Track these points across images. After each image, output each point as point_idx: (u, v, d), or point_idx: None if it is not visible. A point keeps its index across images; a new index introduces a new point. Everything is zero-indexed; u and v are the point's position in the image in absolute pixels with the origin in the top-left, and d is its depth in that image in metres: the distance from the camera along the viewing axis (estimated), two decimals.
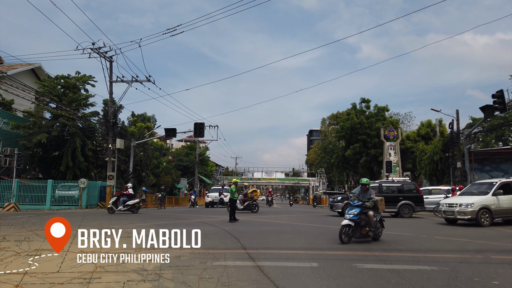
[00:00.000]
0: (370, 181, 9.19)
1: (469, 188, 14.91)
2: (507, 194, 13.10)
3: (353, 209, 8.40)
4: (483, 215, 12.73)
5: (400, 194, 18.79)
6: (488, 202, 12.89)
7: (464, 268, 5.77)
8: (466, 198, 13.46)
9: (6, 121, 27.10)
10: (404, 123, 53.81)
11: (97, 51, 24.12)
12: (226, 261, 6.16)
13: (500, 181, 13.50)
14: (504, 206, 12.99)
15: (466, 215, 12.76)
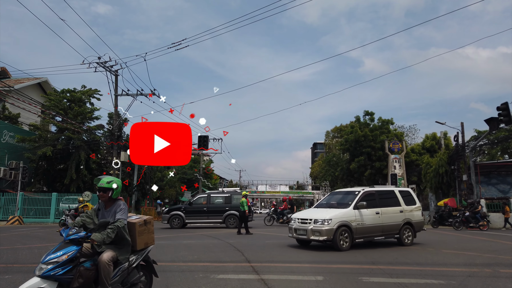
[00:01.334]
0: None
1: (330, 198, 11.35)
2: (371, 207, 10.16)
3: (58, 252, 3.54)
4: (342, 235, 9.39)
5: (227, 205, 18.32)
6: (349, 217, 9.63)
7: (473, 282, 5.66)
8: (323, 212, 9.99)
9: (12, 134, 27.31)
10: (408, 136, 53.62)
11: (103, 65, 24.38)
12: (230, 274, 6.09)
13: (364, 190, 10.46)
14: (367, 223, 9.84)
15: (321, 235, 9.22)
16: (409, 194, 11.50)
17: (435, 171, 29.68)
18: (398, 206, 10.73)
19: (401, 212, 10.65)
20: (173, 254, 8.56)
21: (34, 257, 8.18)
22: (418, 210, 11.25)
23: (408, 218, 10.77)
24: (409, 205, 10.99)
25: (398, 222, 10.51)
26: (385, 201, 10.58)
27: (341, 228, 9.33)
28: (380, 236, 10.17)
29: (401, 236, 10.56)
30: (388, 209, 10.42)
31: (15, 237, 13.33)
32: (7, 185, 26.51)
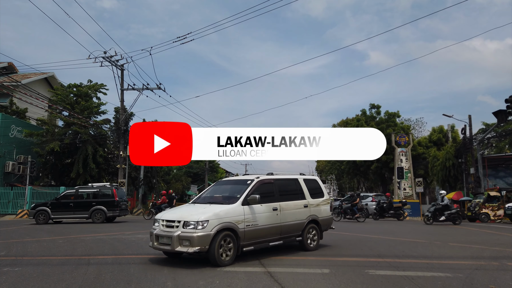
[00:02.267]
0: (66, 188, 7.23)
1: (214, 190, 8.08)
2: (268, 201, 7.34)
3: None
4: (223, 244, 6.40)
5: (94, 200, 18.05)
6: (235, 217, 6.66)
7: (480, 275, 5.65)
8: (199, 209, 6.85)
9: (20, 129, 27.55)
10: (415, 129, 53.29)
11: (109, 59, 24.45)
12: (237, 267, 6.12)
13: (258, 179, 7.57)
14: (261, 224, 7.03)
15: (192, 245, 6.12)
16: (315, 183, 9.03)
17: (442, 164, 29.51)
18: (303, 199, 8.27)
19: (305, 207, 8.18)
20: None
21: (43, 250, 8.29)
22: (326, 204, 8.90)
23: (314, 214, 8.34)
24: (315, 198, 8.58)
25: (302, 220, 8.02)
26: (286, 193, 8.02)
27: (223, 233, 6.32)
28: (278, 240, 7.51)
29: (304, 239, 8.04)
30: (289, 204, 7.83)
31: (24, 230, 13.51)
32: (16, 179, 26.82)
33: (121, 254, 7.53)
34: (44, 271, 5.79)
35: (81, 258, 7.03)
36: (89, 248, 8.46)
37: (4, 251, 8.01)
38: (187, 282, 5.05)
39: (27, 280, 5.16)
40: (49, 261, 6.80)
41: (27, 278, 5.32)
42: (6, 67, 31.52)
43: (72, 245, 9.04)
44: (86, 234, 11.55)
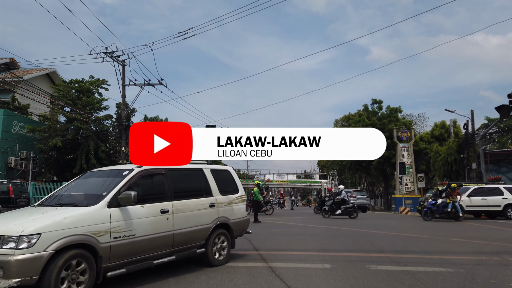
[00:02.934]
0: None
1: (79, 184, 5.74)
2: (154, 200, 5.38)
3: None
4: (70, 270, 4.04)
5: None
6: (93, 225, 4.39)
7: (481, 270, 5.66)
8: (35, 215, 4.41)
9: (22, 125, 27.63)
10: (417, 124, 53.15)
11: (110, 55, 24.41)
12: (238, 262, 6.15)
13: (140, 169, 5.46)
14: (140, 234, 4.90)
15: (8, 276, 3.62)
16: (228, 175, 6.99)
17: (444, 160, 29.47)
18: (208, 196, 6.14)
19: (212, 206, 6.06)
20: None
21: None
22: (240, 202, 6.83)
23: (223, 216, 6.26)
24: (226, 194, 6.53)
25: (206, 225, 5.89)
26: (183, 189, 5.93)
27: (69, 252, 4.05)
28: (168, 255, 5.29)
29: (208, 250, 5.86)
30: (188, 203, 5.70)
31: None
32: (18, 175, 26.93)
33: None
34: None
35: None
36: None
37: None
38: (188, 277, 5.07)
39: None
40: None
41: None
42: (7, 63, 31.54)
43: None
44: None
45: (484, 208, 18.62)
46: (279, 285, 4.67)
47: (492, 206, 18.41)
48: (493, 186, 19.60)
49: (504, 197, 18.39)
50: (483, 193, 18.73)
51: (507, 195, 18.42)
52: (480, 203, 18.43)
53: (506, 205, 18.24)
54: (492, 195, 18.53)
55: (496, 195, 18.51)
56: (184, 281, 4.89)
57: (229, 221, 6.39)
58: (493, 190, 18.90)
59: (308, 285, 4.68)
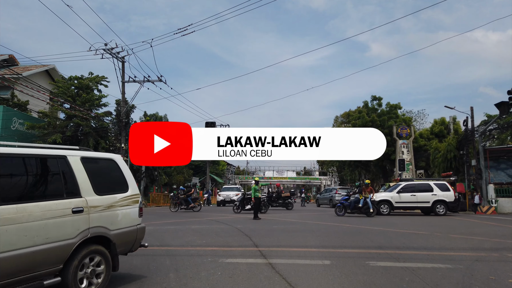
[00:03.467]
0: None
1: None
2: None
3: None
4: None
5: None
6: None
7: (480, 266, 5.68)
8: None
9: (22, 121, 27.60)
10: (417, 121, 53.14)
11: (110, 51, 24.38)
12: (238, 259, 6.17)
13: None
14: None
15: None
16: (111, 166, 4.91)
17: (444, 156, 29.49)
18: (73, 196, 4.02)
19: (77, 212, 3.98)
20: (182, 239, 8.68)
21: None
22: (130, 205, 4.81)
23: (99, 226, 4.25)
24: (105, 194, 4.48)
25: (65, 241, 3.79)
26: (19, 186, 3.70)
27: None
28: None
29: (69, 279, 3.80)
30: (29, 208, 3.53)
31: None
32: None
33: None
34: None
35: None
36: None
37: None
38: (189, 274, 5.09)
39: None
40: None
41: None
42: (7, 60, 31.47)
43: None
44: None
45: (414, 204, 18.83)
46: (279, 281, 4.69)
47: (421, 202, 18.64)
48: (424, 182, 19.83)
49: (433, 194, 18.56)
50: (413, 189, 18.92)
51: (436, 191, 18.58)
52: (410, 199, 18.61)
53: (435, 202, 18.41)
54: (423, 192, 18.70)
55: (426, 192, 18.66)
56: (185, 277, 4.91)
57: (108, 233, 4.32)
58: (423, 186, 19.07)
59: (307, 281, 4.70)
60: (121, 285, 4.51)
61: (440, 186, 18.70)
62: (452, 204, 18.40)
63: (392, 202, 18.40)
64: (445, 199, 18.27)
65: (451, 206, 18.40)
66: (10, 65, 30.96)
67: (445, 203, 18.26)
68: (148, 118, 48.32)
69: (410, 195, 18.56)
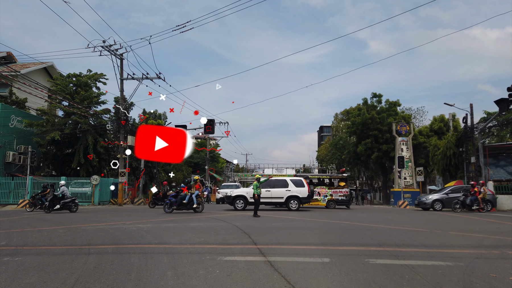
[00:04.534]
0: None
1: None
2: None
3: None
4: None
5: None
6: None
7: (480, 263, 5.64)
8: None
9: (20, 119, 27.48)
10: (416, 118, 53.15)
11: (108, 48, 24.26)
12: (237, 256, 6.12)
13: None
14: None
15: None
16: None
17: (443, 154, 29.47)
18: None
19: None
20: (180, 236, 8.63)
21: (43, 239, 8.30)
22: None
23: None
24: None
25: None
26: None
27: None
28: None
29: None
30: None
31: (25, 220, 13.54)
32: (16, 169, 26.85)
33: (121, 244, 7.53)
34: (44, 261, 5.79)
35: (81, 248, 7.03)
36: (89, 237, 8.47)
37: (5, 241, 8.02)
38: (187, 272, 5.04)
39: (27, 270, 5.15)
40: (49, 251, 6.81)
41: (27, 267, 5.32)
42: (4, 57, 31.34)
43: (73, 234, 9.05)
44: (87, 224, 11.58)
45: (269, 199, 19.43)
46: (277, 279, 4.64)
47: (276, 198, 19.34)
48: (281, 178, 20.38)
49: (287, 189, 19.30)
50: (270, 185, 19.44)
51: (291, 187, 19.32)
52: (265, 194, 19.15)
53: (288, 197, 19.21)
54: (279, 187, 19.41)
55: (282, 187, 19.40)
56: (182, 275, 4.85)
57: None
58: (280, 182, 19.71)
59: (306, 279, 4.65)
60: (117, 283, 4.46)
61: (295, 182, 19.56)
62: (305, 199, 19.35)
63: (247, 198, 19.19)
64: (299, 194, 19.15)
65: (304, 201, 19.38)
66: (8, 62, 30.83)
67: (298, 199, 19.15)
68: (147, 116, 48.23)
69: (265, 191, 19.19)
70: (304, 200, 19.40)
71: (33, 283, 4.46)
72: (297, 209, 19.03)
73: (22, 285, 4.39)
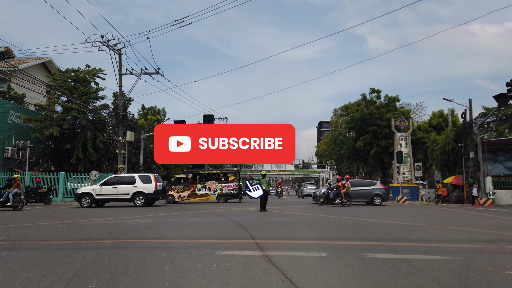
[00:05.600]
0: None
1: None
2: None
3: None
4: None
5: None
6: None
7: (477, 258, 5.65)
8: None
9: (18, 114, 27.42)
10: (415, 114, 53.13)
11: (106, 43, 24.17)
12: (235, 251, 6.13)
13: None
14: None
15: None
16: None
17: (442, 149, 29.48)
18: None
19: None
20: (179, 231, 8.65)
21: (42, 234, 8.31)
22: None
23: None
24: None
25: None
26: None
27: None
28: None
29: None
30: None
31: (24, 215, 13.55)
32: (15, 165, 26.83)
33: (119, 239, 7.54)
34: (43, 255, 5.80)
35: (79, 243, 7.04)
36: (87, 232, 8.48)
37: (3, 236, 8.03)
38: (184, 266, 5.04)
39: (25, 264, 5.16)
40: (48, 245, 6.82)
41: (25, 262, 5.32)
42: (2, 52, 31.20)
43: (71, 229, 9.06)
44: (86, 219, 11.59)
45: (115, 196, 19.36)
46: (275, 273, 4.65)
47: (122, 194, 19.26)
48: (129, 175, 20.56)
49: (134, 186, 19.22)
50: (117, 182, 19.49)
51: (138, 183, 19.26)
52: (111, 191, 19.17)
53: (134, 193, 19.11)
54: (126, 184, 19.34)
55: (129, 184, 19.34)
56: (180, 269, 4.86)
57: None
58: (128, 179, 19.74)
59: (304, 273, 4.67)
60: (115, 277, 4.47)
61: (142, 178, 19.51)
62: (152, 195, 19.25)
63: (93, 195, 19.07)
64: (145, 191, 19.11)
65: (150, 197, 19.23)
66: (6, 57, 30.69)
67: (144, 195, 19.11)
68: (146, 111, 48.16)
69: (111, 188, 19.18)
70: (150, 196, 19.18)
71: (31, 277, 4.47)
72: (142, 205, 18.78)
73: (20, 279, 4.39)
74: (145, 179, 19.43)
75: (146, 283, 4.22)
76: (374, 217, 12.60)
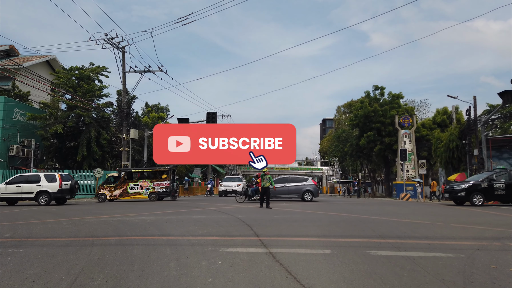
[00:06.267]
0: None
1: None
2: None
3: None
4: None
5: None
6: None
7: (481, 255, 5.66)
8: None
9: (23, 112, 27.57)
10: (419, 111, 52.91)
11: (110, 41, 24.22)
12: (239, 248, 6.17)
13: None
14: None
15: None
16: None
17: (446, 146, 29.38)
18: None
19: None
20: (183, 228, 8.70)
21: (48, 231, 8.38)
22: None
23: None
24: None
25: None
26: None
27: None
28: None
29: None
30: None
31: (30, 212, 13.66)
32: (20, 162, 27.01)
33: (125, 236, 7.60)
34: (49, 252, 5.86)
35: (85, 240, 7.10)
36: (93, 229, 8.55)
37: (10, 233, 8.11)
38: (189, 263, 5.08)
39: (31, 261, 5.22)
40: (54, 242, 6.89)
41: (31, 259, 5.38)
42: (7, 50, 31.34)
43: (77, 226, 9.13)
44: (91, 216, 11.67)
45: (19, 195, 19.06)
46: (279, 270, 4.68)
47: (26, 193, 18.94)
48: (35, 173, 20.22)
49: (38, 185, 18.87)
50: (21, 181, 19.17)
51: (43, 182, 18.91)
52: (16, 190, 18.87)
53: (38, 192, 18.77)
54: (31, 183, 19.03)
55: (34, 183, 19.00)
56: (185, 266, 4.90)
57: None
58: (33, 177, 19.41)
59: (308, 270, 4.69)
60: (121, 274, 4.51)
61: (48, 177, 19.18)
62: (56, 194, 18.87)
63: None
64: (49, 189, 18.74)
65: (54, 196, 18.86)
66: (11, 55, 30.84)
67: (48, 193, 18.73)
68: (149, 109, 48.26)
69: (16, 186, 18.92)
70: (54, 195, 18.90)
71: (37, 273, 4.52)
72: (46, 204, 18.57)
73: (27, 275, 4.45)
74: (50, 178, 19.13)
75: (151, 279, 4.26)
76: (377, 214, 12.60)
